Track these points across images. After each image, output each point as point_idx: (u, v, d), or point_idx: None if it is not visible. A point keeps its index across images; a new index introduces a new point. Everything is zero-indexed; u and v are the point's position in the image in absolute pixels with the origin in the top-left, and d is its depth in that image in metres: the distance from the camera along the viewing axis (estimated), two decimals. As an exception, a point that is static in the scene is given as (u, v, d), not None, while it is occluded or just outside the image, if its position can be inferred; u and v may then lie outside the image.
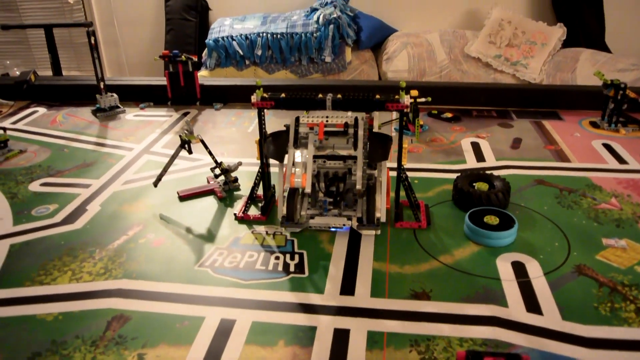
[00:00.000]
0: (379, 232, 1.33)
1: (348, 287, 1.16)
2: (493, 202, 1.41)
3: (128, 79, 2.50)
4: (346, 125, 1.30)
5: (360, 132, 1.29)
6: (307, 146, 1.31)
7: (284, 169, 1.34)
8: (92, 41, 2.13)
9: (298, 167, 1.33)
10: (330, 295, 1.14)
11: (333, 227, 1.34)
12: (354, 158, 1.30)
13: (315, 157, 1.31)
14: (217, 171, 1.56)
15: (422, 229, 1.36)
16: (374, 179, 1.34)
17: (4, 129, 1.96)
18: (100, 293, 1.17)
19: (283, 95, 1.33)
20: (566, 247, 1.28)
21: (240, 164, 1.60)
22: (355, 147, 1.29)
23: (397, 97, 1.27)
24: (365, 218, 1.32)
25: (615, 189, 1.55)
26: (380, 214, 1.32)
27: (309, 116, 1.36)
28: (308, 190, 1.26)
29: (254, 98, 1.33)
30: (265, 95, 1.33)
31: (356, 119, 1.30)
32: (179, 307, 1.11)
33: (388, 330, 1.03)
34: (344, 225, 1.32)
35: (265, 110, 1.38)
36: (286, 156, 1.32)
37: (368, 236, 1.33)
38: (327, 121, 1.31)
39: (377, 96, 1.29)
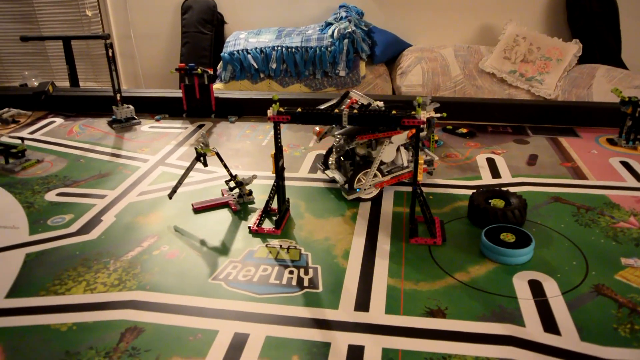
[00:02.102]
0: None
1: (362, 303, 1.15)
2: (509, 219, 1.39)
3: (144, 90, 2.53)
4: None
5: None
6: None
7: None
8: (110, 53, 2.16)
9: None
10: (345, 311, 1.13)
11: None
12: None
13: None
14: (232, 184, 1.56)
15: (438, 245, 1.35)
16: None
17: (22, 138, 1.98)
18: (114, 304, 1.17)
19: (299, 109, 1.33)
20: (584, 266, 1.26)
21: (254, 177, 1.60)
22: None
23: (413, 113, 1.27)
24: None
25: (633, 207, 1.53)
26: None
27: None
28: None
29: (270, 112, 1.33)
30: (281, 109, 1.34)
31: None
32: (193, 320, 1.11)
33: (403, 348, 1.02)
34: None
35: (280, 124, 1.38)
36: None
37: (383, 252, 1.33)
38: None
39: (394, 112, 1.29)
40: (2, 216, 1.55)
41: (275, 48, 3.11)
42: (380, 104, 1.46)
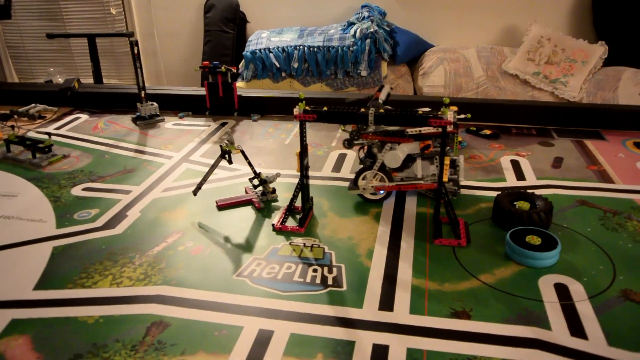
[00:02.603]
0: None
1: (387, 302, 1.15)
2: (535, 222, 1.38)
3: (167, 88, 2.55)
4: None
5: None
6: None
7: None
8: (135, 51, 2.18)
9: None
10: (369, 310, 1.13)
11: None
12: None
13: None
14: (256, 182, 1.57)
15: (462, 247, 1.34)
16: None
17: (49, 134, 2.01)
18: (140, 298, 1.18)
19: (325, 108, 1.34)
20: (611, 270, 1.25)
21: (278, 175, 1.60)
22: None
23: (440, 113, 1.26)
24: None
25: (662, 212, 1.50)
26: None
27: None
28: None
29: (296, 110, 1.34)
30: (307, 108, 1.34)
31: None
32: (218, 316, 1.12)
33: (428, 348, 1.02)
34: None
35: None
36: None
37: (406, 252, 1.32)
38: None
39: (420, 112, 1.28)
40: (30, 210, 1.58)
41: (297, 47, 3.12)
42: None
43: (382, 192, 1.54)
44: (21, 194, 1.68)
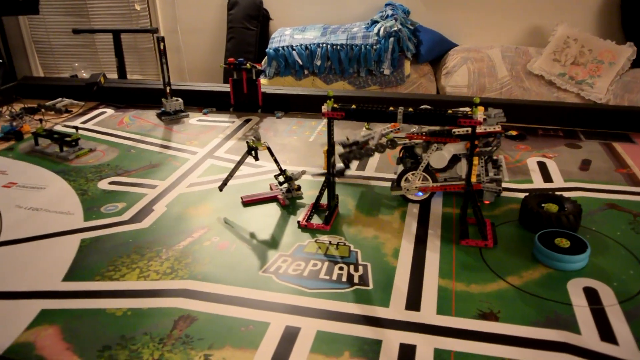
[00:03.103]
0: None
1: (413, 302, 1.14)
2: (563, 224, 1.36)
3: (192, 84, 2.57)
4: None
5: None
6: None
7: None
8: (162, 47, 2.19)
9: None
10: (395, 309, 1.12)
11: None
12: None
13: None
14: (281, 178, 1.57)
15: (489, 248, 1.33)
16: None
17: (77, 127, 2.04)
18: (167, 292, 1.19)
19: (354, 106, 1.33)
20: (642, 275, 1.23)
21: (304, 172, 1.60)
22: None
23: (469, 112, 1.25)
24: None
25: (693, 217, 1.47)
26: None
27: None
28: None
29: (324, 108, 1.34)
30: (335, 105, 1.34)
31: None
32: (244, 311, 1.12)
33: (455, 349, 1.01)
34: None
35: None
36: None
37: (433, 252, 1.31)
38: None
39: (449, 111, 1.27)
40: (58, 202, 1.60)
41: (320, 45, 3.12)
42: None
43: (420, 193, 1.53)
44: (49, 187, 1.70)
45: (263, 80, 3.20)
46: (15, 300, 1.17)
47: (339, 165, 1.66)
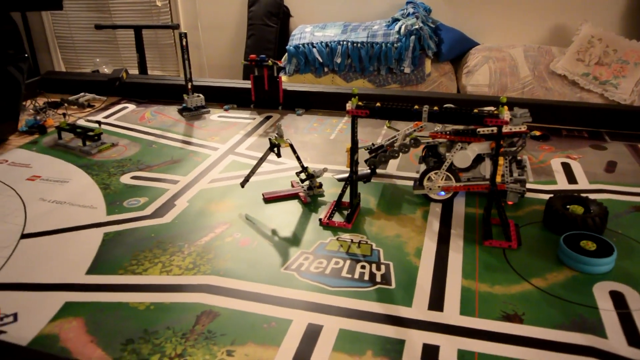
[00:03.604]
0: None
1: (436, 302, 1.13)
2: (589, 227, 1.34)
3: (212, 80, 2.57)
4: None
5: None
6: None
7: None
8: (184, 43, 2.20)
9: None
10: (418, 309, 1.11)
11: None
12: None
13: None
14: (303, 176, 1.57)
15: (512, 249, 1.32)
16: None
17: (100, 122, 2.06)
18: (190, 287, 1.19)
19: (378, 104, 1.33)
20: (670, 280, 1.20)
21: (325, 169, 1.60)
22: None
23: (496, 111, 1.24)
24: None
25: None
26: None
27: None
28: None
29: (349, 106, 1.33)
30: (360, 103, 1.33)
31: None
32: (266, 308, 1.12)
33: (479, 351, 1.00)
34: None
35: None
36: None
37: (456, 252, 1.30)
38: None
39: (475, 110, 1.26)
40: (81, 196, 1.61)
41: (341, 43, 3.11)
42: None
43: (442, 193, 1.52)
44: (72, 180, 1.72)
45: (283, 77, 3.20)
46: (39, 292, 1.19)
47: (366, 170, 1.65)
